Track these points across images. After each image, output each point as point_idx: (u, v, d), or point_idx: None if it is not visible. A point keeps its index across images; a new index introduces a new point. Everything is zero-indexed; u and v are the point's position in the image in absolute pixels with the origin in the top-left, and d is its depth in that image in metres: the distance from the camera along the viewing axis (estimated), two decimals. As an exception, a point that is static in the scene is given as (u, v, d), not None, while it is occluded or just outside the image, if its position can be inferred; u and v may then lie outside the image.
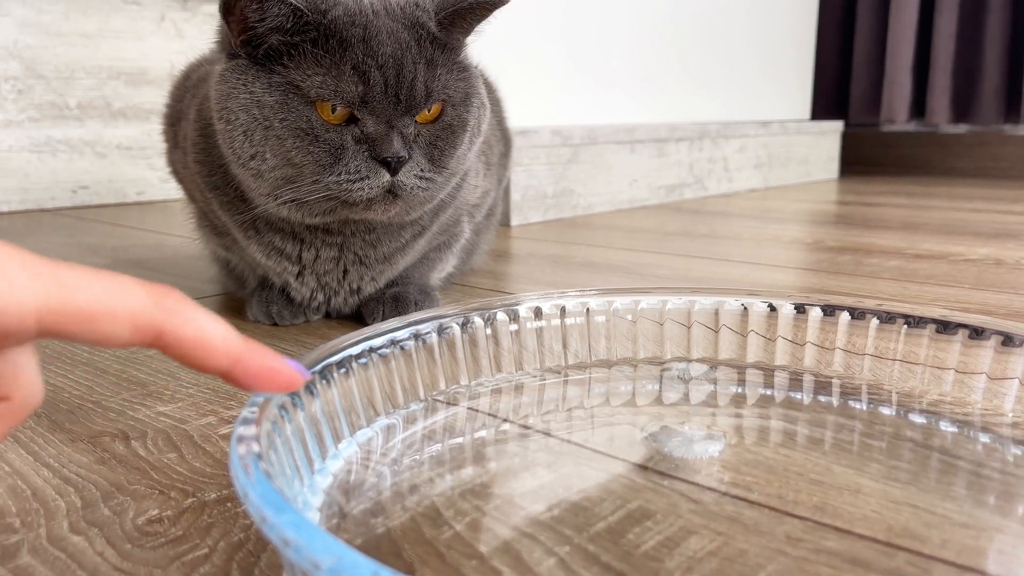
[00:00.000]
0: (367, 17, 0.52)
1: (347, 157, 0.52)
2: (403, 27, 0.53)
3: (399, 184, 0.53)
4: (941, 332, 0.47)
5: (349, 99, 0.52)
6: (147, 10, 1.30)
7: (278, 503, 0.24)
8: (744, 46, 1.73)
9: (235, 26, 0.52)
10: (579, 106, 1.37)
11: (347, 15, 0.52)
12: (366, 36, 0.52)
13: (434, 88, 0.54)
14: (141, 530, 0.33)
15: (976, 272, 0.85)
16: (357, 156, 0.52)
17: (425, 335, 0.46)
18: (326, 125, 0.52)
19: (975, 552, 0.31)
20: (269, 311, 0.64)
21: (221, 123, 0.54)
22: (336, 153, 0.52)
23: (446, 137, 0.56)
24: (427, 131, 0.55)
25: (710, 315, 0.52)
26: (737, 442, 0.41)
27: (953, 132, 2.17)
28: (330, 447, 0.38)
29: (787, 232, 1.16)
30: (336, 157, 0.52)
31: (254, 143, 0.53)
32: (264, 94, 0.52)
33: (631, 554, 0.31)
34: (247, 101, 0.52)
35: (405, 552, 0.31)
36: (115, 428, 0.43)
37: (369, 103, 0.52)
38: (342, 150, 0.52)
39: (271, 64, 0.52)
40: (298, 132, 0.52)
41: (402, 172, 0.53)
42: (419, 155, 0.55)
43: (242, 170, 0.55)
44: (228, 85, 0.53)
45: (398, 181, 0.53)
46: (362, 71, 0.51)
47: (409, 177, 0.54)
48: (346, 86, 0.51)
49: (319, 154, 0.52)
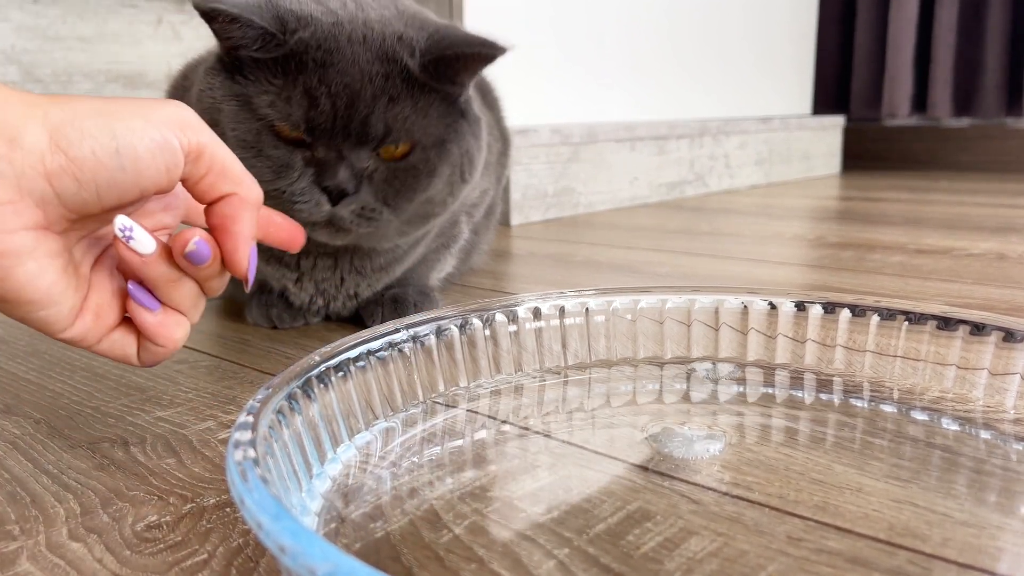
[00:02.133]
0: (337, 43, 0.51)
1: (291, 176, 0.51)
2: (376, 59, 0.51)
3: (337, 216, 0.52)
4: (942, 328, 0.47)
5: (295, 122, 0.51)
6: (144, 13, 1.30)
7: (274, 509, 0.24)
8: (744, 41, 1.73)
9: (216, 33, 0.52)
10: (579, 104, 1.37)
11: (315, 38, 0.51)
12: (326, 61, 0.50)
13: (395, 127, 0.52)
14: (140, 536, 0.33)
15: (979, 267, 0.85)
16: (302, 178, 0.51)
17: (423, 337, 0.46)
18: (276, 142, 0.51)
19: (977, 550, 0.31)
20: (269, 314, 0.63)
21: None
22: (279, 171, 0.51)
23: (405, 179, 0.53)
24: (387, 169, 0.53)
25: (710, 314, 0.52)
26: (738, 441, 0.41)
27: (955, 126, 2.16)
28: (328, 451, 0.38)
29: (789, 228, 1.16)
30: (278, 174, 0.51)
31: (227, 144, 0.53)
32: (222, 101, 0.52)
33: (631, 556, 0.30)
34: (209, 104, 0.53)
35: (404, 556, 0.31)
36: (114, 434, 0.43)
37: (315, 130, 0.51)
38: (287, 169, 0.51)
39: (235, 74, 0.52)
40: (244, 144, 0.51)
41: (341, 205, 0.51)
42: (368, 191, 0.52)
43: None
44: (201, 86, 0.54)
45: (336, 214, 0.52)
46: (313, 96, 0.50)
47: (347, 211, 0.52)
48: (293, 109, 0.50)
49: (261, 169, 0.51)
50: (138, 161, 0.32)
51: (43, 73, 1.20)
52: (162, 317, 0.36)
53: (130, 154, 0.32)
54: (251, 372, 0.53)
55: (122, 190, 0.33)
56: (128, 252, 0.34)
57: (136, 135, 0.32)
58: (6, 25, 1.16)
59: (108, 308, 0.36)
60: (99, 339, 0.36)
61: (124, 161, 0.32)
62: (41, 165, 0.31)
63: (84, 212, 0.33)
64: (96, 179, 0.32)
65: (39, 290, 0.33)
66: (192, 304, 0.37)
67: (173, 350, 0.38)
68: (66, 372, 0.53)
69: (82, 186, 0.32)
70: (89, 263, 0.36)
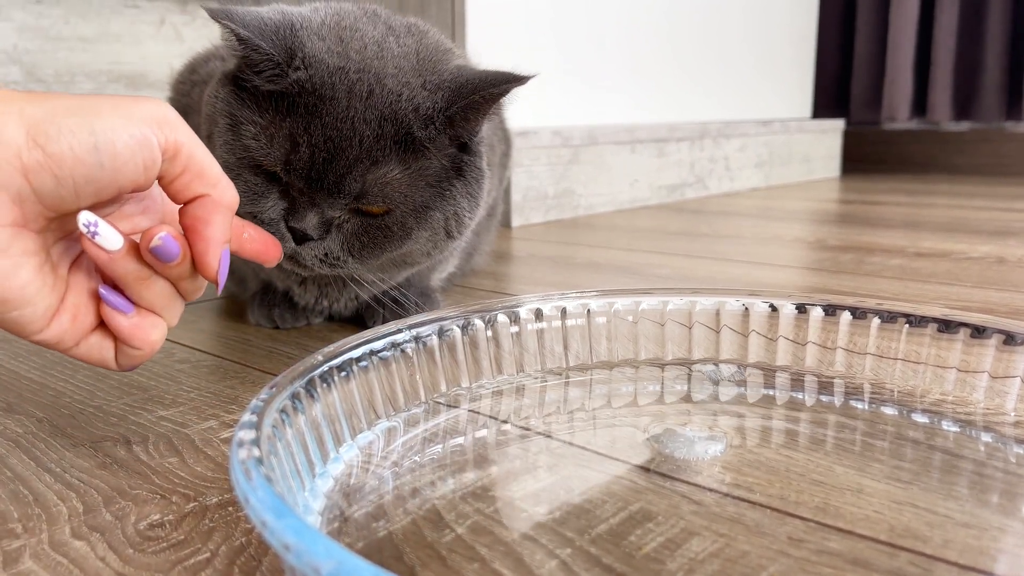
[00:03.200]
0: (336, 92, 0.49)
1: (264, 204, 0.51)
2: (375, 119, 0.50)
3: (299, 255, 0.51)
4: (943, 331, 0.47)
5: (272, 161, 0.50)
6: (147, 14, 1.30)
7: (278, 508, 0.24)
8: (744, 45, 1.73)
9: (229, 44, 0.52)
10: (579, 106, 1.37)
11: (312, 83, 0.49)
12: (318, 111, 0.49)
13: (371, 191, 0.50)
14: (143, 535, 0.33)
15: (978, 270, 0.85)
16: (273, 210, 0.51)
17: (426, 337, 0.46)
18: (255, 170, 0.51)
19: (977, 552, 0.31)
20: (271, 314, 0.64)
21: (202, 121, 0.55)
22: (254, 198, 0.51)
23: (376, 236, 0.52)
24: (361, 221, 0.51)
25: (711, 316, 0.52)
26: (739, 443, 0.41)
27: (955, 129, 2.16)
28: (331, 450, 0.38)
29: (789, 231, 1.16)
30: (253, 201, 0.51)
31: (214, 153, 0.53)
32: (220, 115, 0.52)
33: (633, 556, 0.31)
34: (210, 112, 0.53)
35: (406, 555, 0.31)
36: (116, 433, 0.43)
37: (292, 173, 0.50)
38: (261, 198, 0.51)
39: (237, 93, 0.52)
40: (227, 165, 0.51)
41: (304, 247, 0.51)
42: (335, 240, 0.51)
43: None
44: (211, 90, 0.54)
45: (298, 251, 0.51)
46: (295, 141, 0.49)
47: (309, 254, 0.51)
48: (274, 148, 0.50)
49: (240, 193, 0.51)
50: (116, 157, 0.32)
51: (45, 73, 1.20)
52: (137, 319, 0.36)
53: (109, 150, 0.32)
54: (253, 372, 0.53)
55: (100, 187, 0.33)
56: (94, 248, 0.34)
57: (115, 132, 0.32)
58: (8, 25, 1.16)
59: (86, 310, 0.36)
60: (76, 342, 0.36)
61: (103, 157, 0.32)
62: (18, 160, 0.31)
63: (62, 210, 0.33)
64: (74, 175, 0.32)
65: (12, 289, 0.32)
66: (166, 304, 0.37)
67: (151, 352, 0.37)
68: (68, 371, 0.53)
69: (60, 182, 0.32)
70: (67, 264, 0.36)
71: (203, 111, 0.55)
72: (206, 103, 0.54)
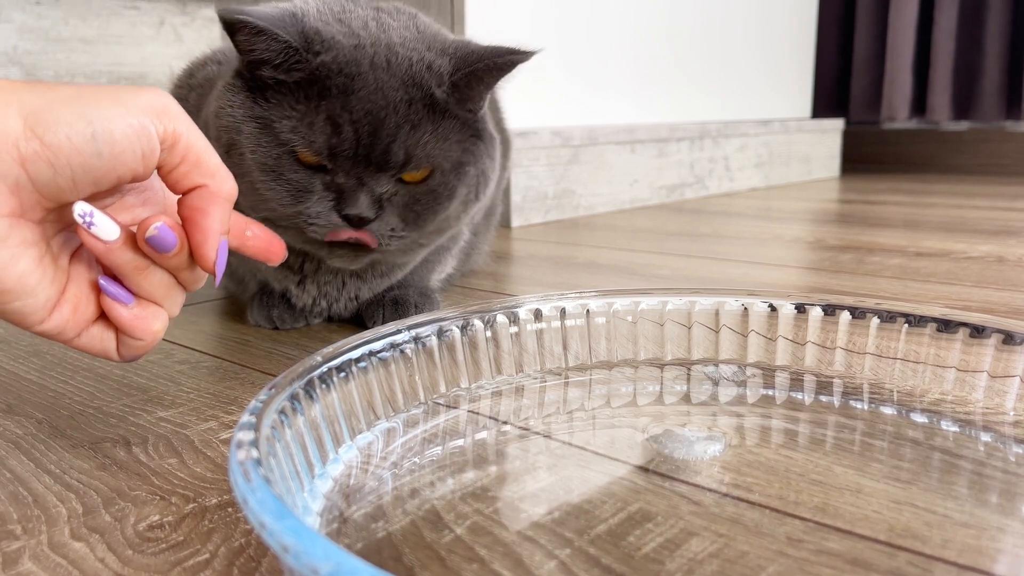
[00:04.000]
0: (361, 68, 0.51)
1: (311, 201, 0.51)
2: (400, 85, 0.51)
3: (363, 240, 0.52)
4: (942, 331, 0.47)
5: (317, 149, 0.50)
6: (146, 15, 1.30)
7: (277, 509, 0.24)
8: (744, 45, 1.73)
9: (238, 47, 0.52)
10: (579, 107, 1.37)
11: (337, 63, 0.50)
12: (349, 88, 0.50)
13: (416, 153, 0.52)
14: (142, 536, 0.33)
15: (978, 270, 0.85)
16: (321, 202, 0.52)
17: (425, 338, 0.46)
18: (295, 166, 0.51)
19: (977, 552, 0.31)
20: (270, 315, 0.64)
21: (211, 136, 0.54)
22: (299, 195, 0.51)
23: (427, 202, 0.54)
24: (407, 191, 0.53)
25: (710, 316, 0.52)
26: (738, 443, 0.41)
27: (954, 129, 2.16)
28: (330, 451, 0.38)
29: (789, 231, 1.16)
30: (298, 199, 0.51)
31: (233, 164, 0.52)
32: (243, 122, 0.52)
33: (632, 556, 0.31)
34: (229, 123, 0.53)
35: (406, 556, 0.31)
36: (116, 434, 0.43)
37: (337, 157, 0.50)
38: (307, 193, 0.51)
39: (256, 94, 0.52)
40: (264, 168, 0.51)
41: (366, 230, 0.52)
42: (391, 214, 0.53)
43: None
44: (220, 102, 0.54)
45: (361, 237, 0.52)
46: (336, 123, 0.50)
47: (377, 235, 0.53)
48: (316, 136, 0.50)
49: (281, 193, 0.52)
50: (114, 146, 0.32)
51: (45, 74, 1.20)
52: (137, 310, 0.36)
53: (106, 139, 0.32)
54: (253, 373, 0.53)
55: (97, 176, 0.33)
56: (90, 238, 0.34)
57: (113, 121, 0.32)
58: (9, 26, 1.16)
59: (87, 301, 0.36)
60: (78, 333, 0.36)
61: (100, 147, 0.32)
62: (15, 150, 0.31)
63: (60, 200, 0.33)
64: (71, 165, 0.32)
65: (11, 279, 0.32)
66: (166, 294, 0.37)
67: (153, 343, 0.37)
68: (68, 372, 0.53)
69: (57, 172, 0.32)
70: (67, 255, 0.36)
71: (215, 124, 0.54)
72: (218, 115, 0.54)
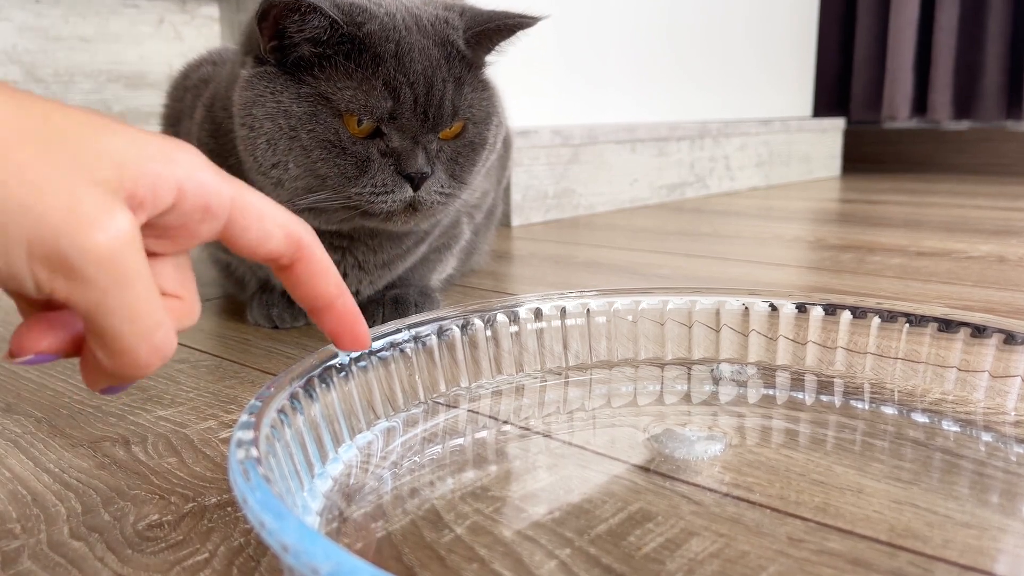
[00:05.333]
0: (400, 33, 0.52)
1: (373, 170, 0.53)
2: (434, 44, 0.53)
3: (420, 199, 0.54)
4: (943, 331, 0.47)
5: (378, 114, 0.52)
6: (146, 13, 1.30)
7: (277, 508, 0.24)
8: (744, 43, 1.73)
9: (267, 32, 0.51)
10: (579, 106, 1.37)
11: (382, 30, 0.52)
12: (399, 52, 0.52)
13: (460, 106, 0.55)
14: (142, 535, 0.33)
15: (979, 269, 0.85)
16: (383, 169, 0.53)
17: (425, 337, 0.46)
18: (352, 138, 0.52)
19: (978, 552, 0.31)
20: (270, 314, 0.64)
21: (244, 129, 0.53)
22: (362, 166, 0.52)
23: (467, 154, 0.57)
24: (449, 147, 0.56)
25: (711, 315, 0.52)
26: (738, 443, 0.41)
27: (955, 129, 2.16)
28: (330, 451, 0.38)
29: (789, 230, 1.16)
30: (362, 170, 0.52)
31: (278, 152, 0.52)
32: (292, 104, 0.52)
33: (632, 556, 0.30)
34: (273, 110, 0.52)
35: (405, 556, 0.31)
36: (115, 433, 0.43)
37: (397, 119, 0.52)
38: (368, 162, 0.52)
39: (300, 74, 0.52)
40: (325, 144, 0.52)
41: (423, 188, 0.54)
42: (440, 171, 0.55)
43: (262, 177, 0.54)
44: (254, 92, 0.53)
45: (419, 196, 0.54)
46: (393, 87, 0.52)
47: (430, 193, 0.54)
48: (376, 101, 0.51)
49: (345, 166, 0.52)
50: None
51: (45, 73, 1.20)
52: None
53: None
54: (252, 372, 0.53)
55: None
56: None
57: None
58: (8, 25, 1.16)
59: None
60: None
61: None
62: None
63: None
64: None
65: None
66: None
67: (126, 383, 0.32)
68: (67, 371, 0.53)
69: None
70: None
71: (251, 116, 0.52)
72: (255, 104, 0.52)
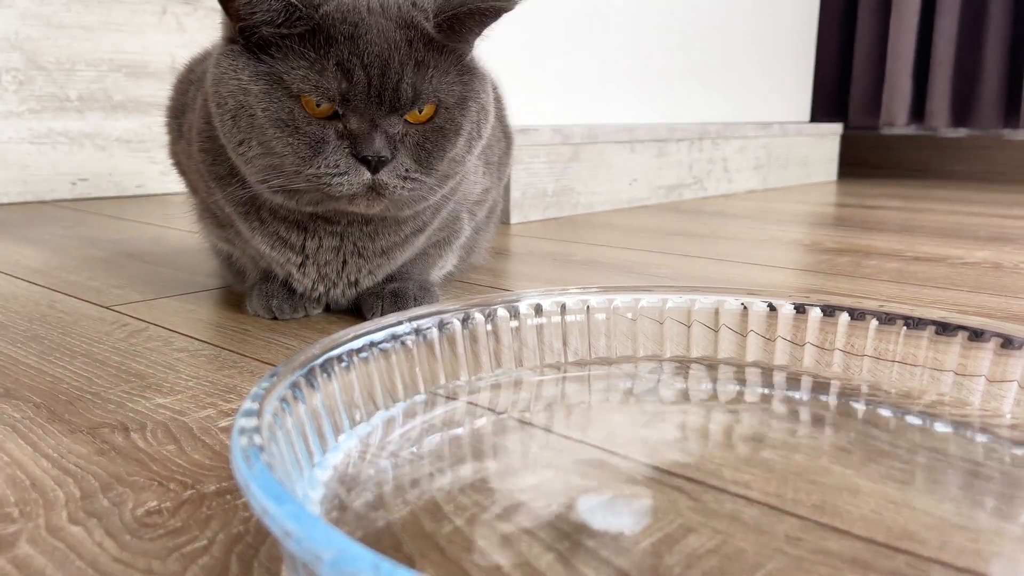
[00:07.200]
0: (359, 15, 0.52)
1: (327, 151, 0.53)
2: (396, 27, 0.53)
3: (381, 183, 0.54)
4: (940, 334, 0.47)
5: (330, 95, 0.52)
6: (149, 3, 1.30)
7: (280, 495, 0.24)
8: (745, 47, 1.73)
9: (232, 13, 0.53)
10: (580, 105, 1.37)
11: (338, 11, 0.52)
12: (354, 34, 0.52)
13: (423, 90, 0.54)
14: (140, 521, 0.33)
15: (974, 275, 0.85)
16: (337, 151, 0.53)
17: (426, 330, 0.46)
18: (308, 118, 0.52)
19: (973, 554, 0.31)
20: (269, 305, 0.64)
21: (214, 107, 0.55)
22: (316, 146, 0.53)
23: (435, 139, 0.56)
24: (416, 131, 0.55)
25: (710, 314, 0.52)
26: (737, 441, 0.42)
27: (952, 136, 2.17)
28: (330, 440, 0.38)
29: (786, 233, 1.16)
30: (316, 150, 0.53)
31: (241, 129, 0.54)
32: (250, 82, 0.53)
33: (630, 551, 0.31)
34: (235, 87, 0.53)
35: (405, 546, 0.31)
36: (114, 419, 0.43)
37: (351, 101, 0.52)
38: (323, 144, 0.53)
39: (260, 53, 0.53)
40: (279, 123, 0.52)
41: (383, 171, 0.53)
42: (404, 155, 0.54)
43: (234, 155, 0.56)
44: (220, 69, 0.54)
45: (379, 180, 0.53)
46: (346, 69, 0.51)
47: (391, 177, 0.54)
48: (328, 82, 0.52)
49: (299, 146, 0.53)
50: None
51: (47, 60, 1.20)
52: None
53: None
54: (251, 362, 0.53)
55: None
56: None
57: None
58: (11, 11, 1.15)
59: None
60: None
61: None
62: None
63: None
64: None
65: None
66: None
67: None
68: (66, 357, 0.53)
69: None
70: None
71: (216, 92, 0.55)
72: (220, 82, 0.54)
